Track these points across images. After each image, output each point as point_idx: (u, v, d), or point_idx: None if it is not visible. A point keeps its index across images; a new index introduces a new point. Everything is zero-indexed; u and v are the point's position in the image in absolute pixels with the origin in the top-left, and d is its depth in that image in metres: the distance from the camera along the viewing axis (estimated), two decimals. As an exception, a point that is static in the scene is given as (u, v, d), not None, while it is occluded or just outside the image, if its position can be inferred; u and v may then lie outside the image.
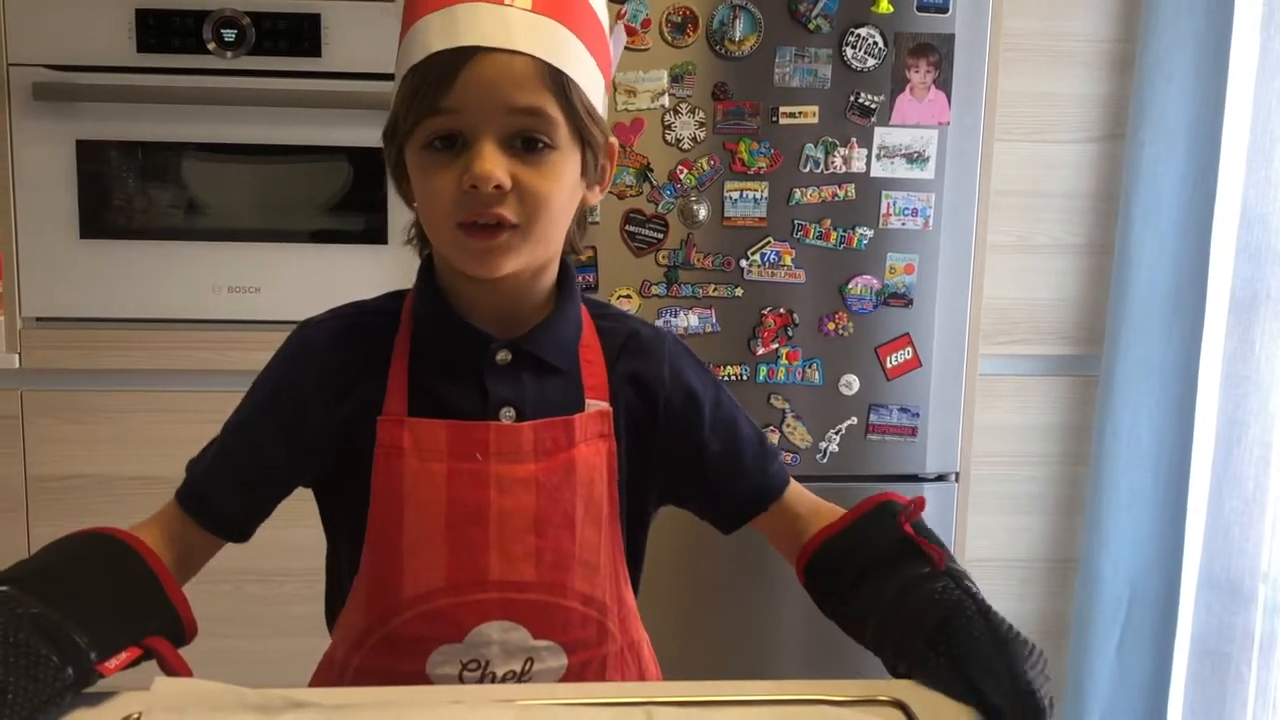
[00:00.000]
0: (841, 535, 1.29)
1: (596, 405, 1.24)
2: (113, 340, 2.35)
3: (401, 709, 1.13)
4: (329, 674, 1.30)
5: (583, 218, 1.26)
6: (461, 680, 1.22)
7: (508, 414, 1.20)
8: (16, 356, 2.33)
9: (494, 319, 1.22)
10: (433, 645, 1.21)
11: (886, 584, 1.22)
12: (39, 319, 2.35)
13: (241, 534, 1.28)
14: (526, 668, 1.23)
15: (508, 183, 1.11)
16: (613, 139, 1.23)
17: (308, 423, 1.21)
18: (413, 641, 1.21)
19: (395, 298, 1.28)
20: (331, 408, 1.20)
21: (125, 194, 2.33)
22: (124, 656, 1.08)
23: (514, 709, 1.13)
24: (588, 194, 1.22)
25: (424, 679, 1.22)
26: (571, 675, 1.25)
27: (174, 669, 1.09)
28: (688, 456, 1.30)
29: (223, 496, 1.25)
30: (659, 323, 2.34)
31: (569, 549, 1.22)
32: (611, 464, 1.25)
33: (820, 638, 2.44)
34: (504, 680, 1.23)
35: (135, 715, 1.06)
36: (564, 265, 1.26)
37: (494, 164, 1.10)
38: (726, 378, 2.37)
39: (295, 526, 1.37)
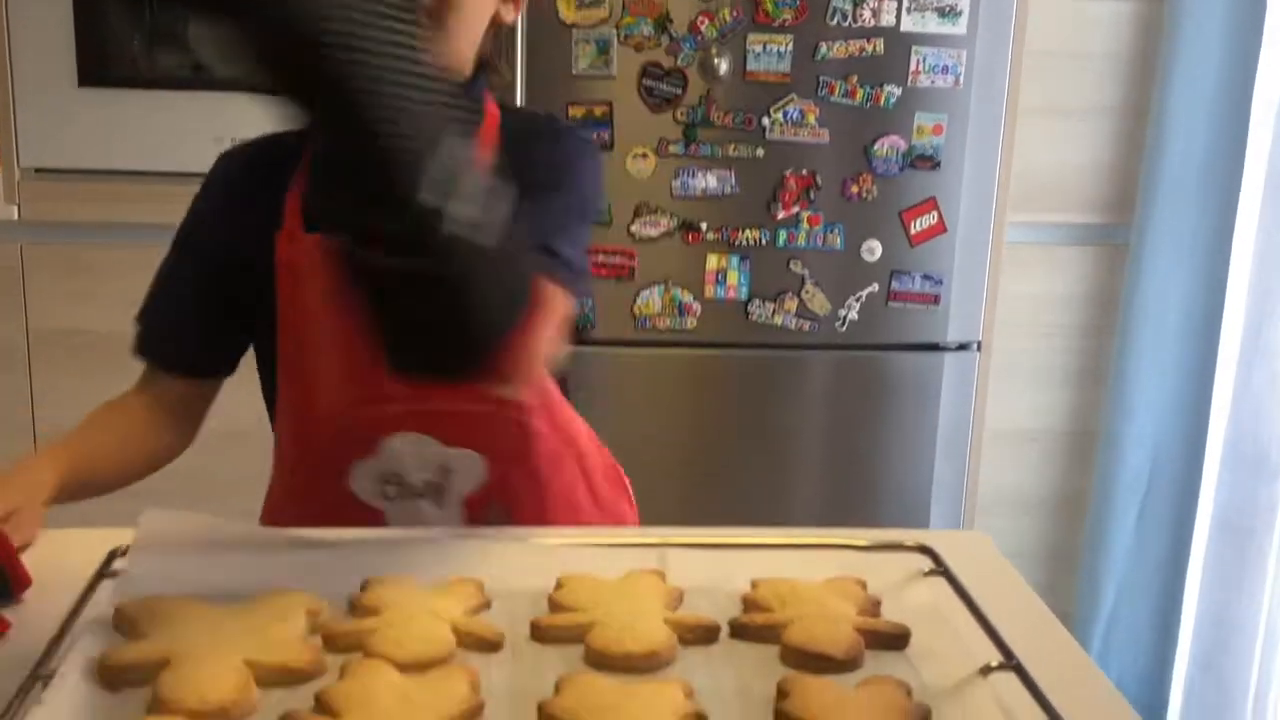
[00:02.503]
0: None
1: None
2: (114, 193, 2.29)
3: (405, 548, 1.09)
4: (269, 506, 1.32)
5: (500, 41, 1.29)
6: (385, 497, 1.23)
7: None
8: (15, 208, 2.27)
9: None
10: (348, 462, 1.22)
11: None
12: (38, 170, 2.28)
13: (215, 368, 1.28)
14: (443, 479, 1.23)
15: None
16: None
17: (221, 239, 1.26)
18: (330, 460, 1.23)
19: None
20: (237, 223, 1.24)
21: (125, 40, 2.25)
22: None
23: (525, 547, 1.09)
24: (503, 8, 1.24)
25: (348, 497, 1.23)
26: (499, 483, 1.24)
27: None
28: None
29: (175, 334, 1.27)
30: (675, 184, 2.27)
31: None
32: None
33: (837, 500, 2.41)
34: (423, 493, 1.23)
35: (120, 549, 1.02)
36: (476, 82, 1.25)
37: None
38: (744, 242, 2.30)
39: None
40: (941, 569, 1.06)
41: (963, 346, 2.41)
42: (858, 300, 2.35)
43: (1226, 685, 2.51)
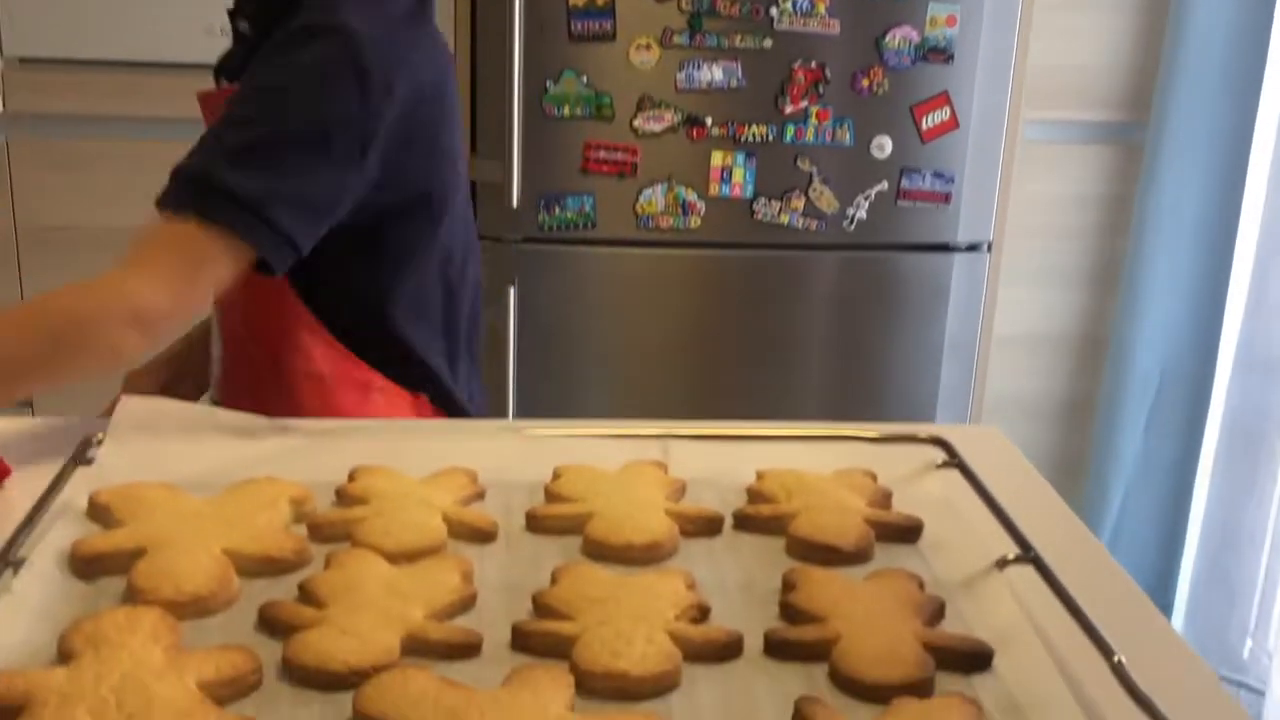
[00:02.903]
0: None
1: None
2: (103, 84, 2.21)
3: (395, 435, 1.05)
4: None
5: None
6: None
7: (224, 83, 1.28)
8: (0, 99, 2.20)
9: None
10: None
11: None
12: (22, 59, 2.21)
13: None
14: None
15: None
16: None
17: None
18: None
19: None
20: None
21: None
22: None
23: (521, 437, 1.05)
24: None
25: None
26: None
27: None
28: None
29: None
30: (679, 76, 2.19)
31: None
32: None
33: (841, 404, 2.37)
34: None
35: (95, 436, 0.98)
36: None
37: None
38: (750, 138, 2.23)
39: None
40: (955, 461, 1.02)
41: (973, 247, 2.35)
42: (866, 199, 2.29)
43: (1232, 591, 2.49)
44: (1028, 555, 0.87)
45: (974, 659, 0.77)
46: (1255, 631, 2.45)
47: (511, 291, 2.21)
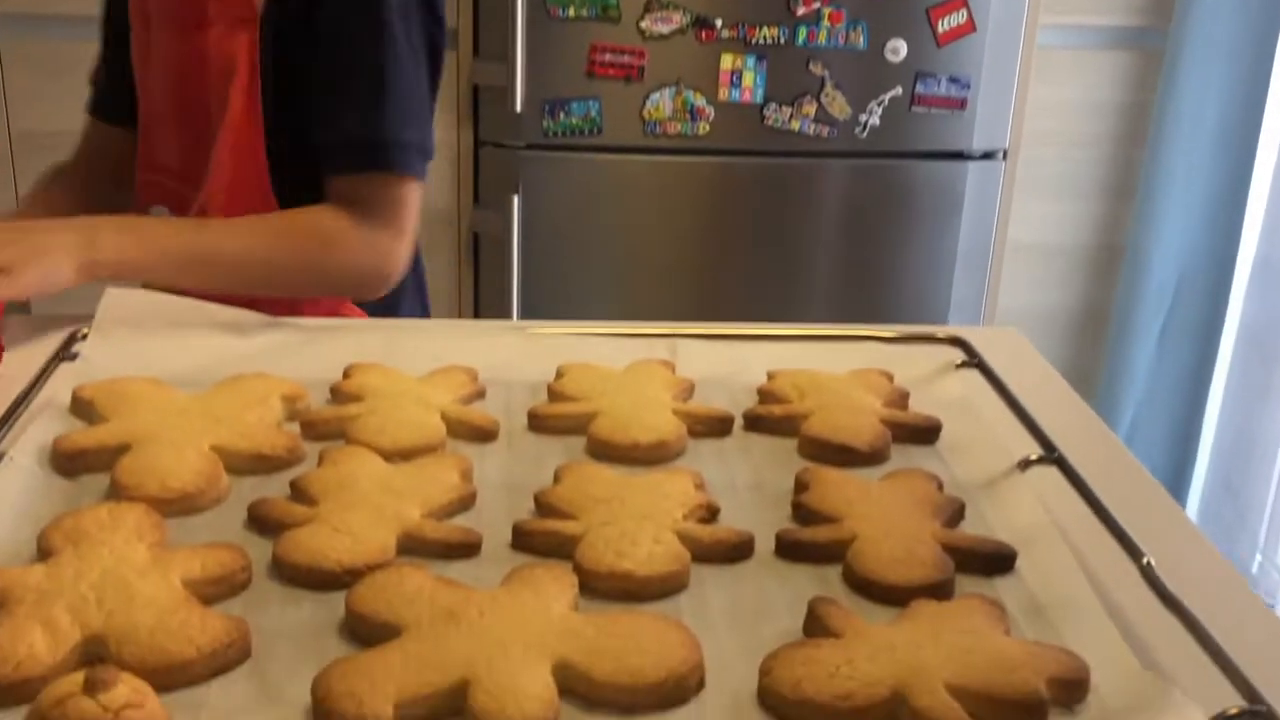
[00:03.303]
0: None
1: None
2: (94, -16, 2.15)
3: (392, 333, 1.01)
4: None
5: None
6: None
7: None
8: (-9, 1, 2.14)
9: None
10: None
11: None
12: (12, -41, 2.15)
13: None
14: None
15: None
16: None
17: None
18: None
19: None
20: None
21: None
22: None
23: (524, 336, 1.02)
24: None
25: None
26: None
27: None
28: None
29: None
30: (689, -23, 2.13)
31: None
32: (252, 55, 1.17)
33: (852, 313, 2.33)
34: None
35: (80, 332, 0.95)
36: None
37: None
38: (761, 40, 2.17)
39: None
40: (975, 361, 0.98)
41: (988, 155, 2.30)
42: (880, 104, 2.23)
43: (1243, 504, 2.47)
44: (1051, 456, 0.84)
45: (996, 561, 0.74)
46: (1265, 546, 2.42)
47: (515, 200, 2.16)
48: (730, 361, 0.99)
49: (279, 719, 0.60)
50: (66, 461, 0.80)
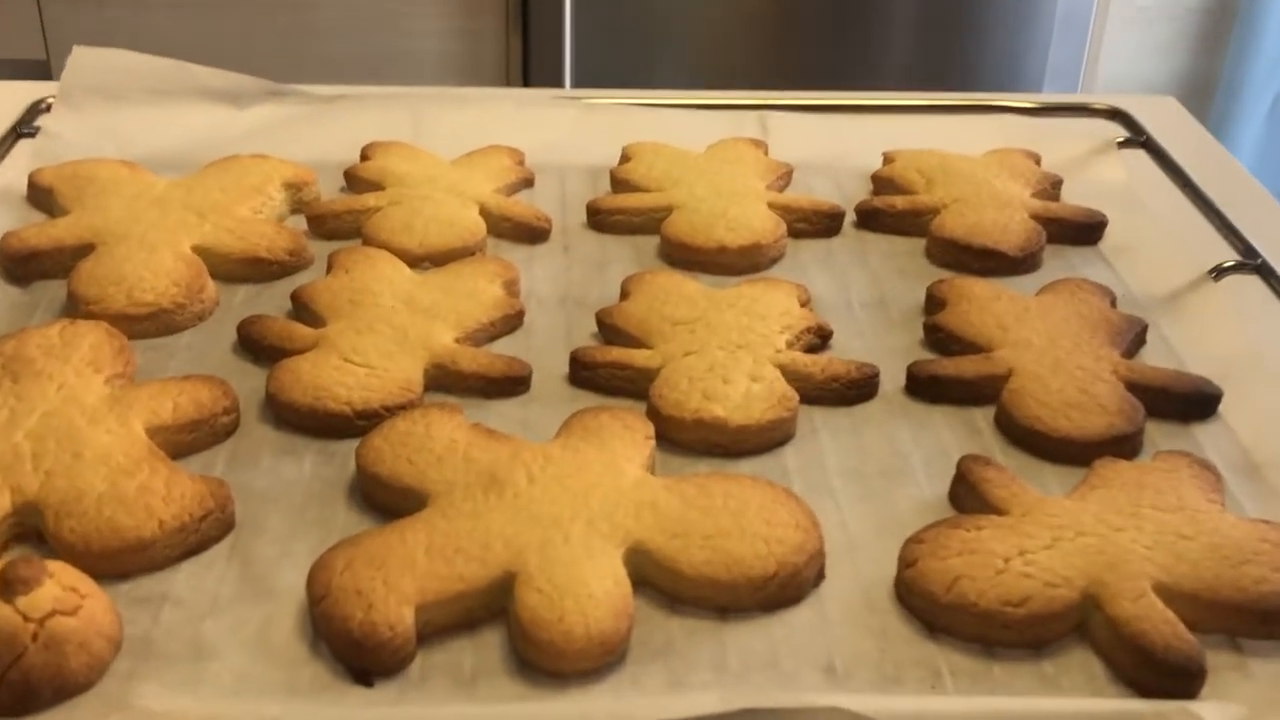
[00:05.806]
0: None
1: None
2: None
3: (420, 104, 0.85)
4: None
5: None
6: None
7: None
8: None
9: None
10: None
11: None
12: None
13: None
14: None
15: None
16: None
17: None
18: None
19: None
20: None
21: None
22: None
23: (580, 108, 0.85)
24: None
25: None
26: None
27: None
28: None
29: None
30: None
31: None
32: None
33: (937, 85, 2.13)
34: None
35: (45, 102, 0.78)
36: None
37: None
38: None
39: None
40: (1142, 138, 0.79)
41: (1097, -98, 2.06)
42: None
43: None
44: (1253, 262, 0.66)
45: (1196, 402, 0.58)
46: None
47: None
48: (835, 139, 0.82)
49: (265, 620, 0.45)
50: (15, 265, 0.65)
